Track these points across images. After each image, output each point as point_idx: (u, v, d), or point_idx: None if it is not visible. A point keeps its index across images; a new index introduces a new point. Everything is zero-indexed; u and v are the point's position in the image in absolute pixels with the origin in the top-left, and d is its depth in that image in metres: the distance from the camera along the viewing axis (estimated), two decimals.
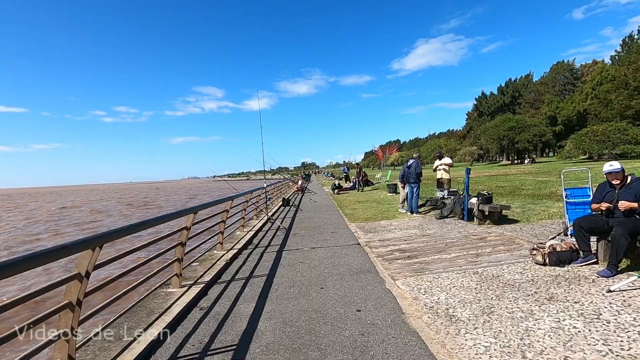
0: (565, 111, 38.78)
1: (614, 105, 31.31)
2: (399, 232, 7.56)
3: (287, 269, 5.31)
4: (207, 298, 4.27)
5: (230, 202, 6.71)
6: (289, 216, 11.72)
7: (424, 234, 7.09)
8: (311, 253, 6.21)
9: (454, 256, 5.30)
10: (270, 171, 14.86)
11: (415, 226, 8.02)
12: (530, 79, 63.01)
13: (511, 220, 7.61)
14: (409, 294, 3.93)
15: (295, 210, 13.43)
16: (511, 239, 6.01)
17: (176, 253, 4.48)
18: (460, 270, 4.62)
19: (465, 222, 7.88)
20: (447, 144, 62.89)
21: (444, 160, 10.40)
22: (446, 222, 8.22)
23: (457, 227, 7.44)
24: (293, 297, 4.06)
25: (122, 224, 16.34)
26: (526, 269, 4.40)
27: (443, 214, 8.58)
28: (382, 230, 7.88)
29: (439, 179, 10.54)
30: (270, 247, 7.05)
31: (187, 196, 50.80)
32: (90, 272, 2.56)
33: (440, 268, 4.79)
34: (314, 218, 10.83)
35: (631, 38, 48.21)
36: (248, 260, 6.01)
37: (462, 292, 3.85)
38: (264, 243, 7.47)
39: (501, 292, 3.73)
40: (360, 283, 4.41)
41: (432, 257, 5.39)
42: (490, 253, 5.28)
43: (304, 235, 7.95)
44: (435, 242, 6.33)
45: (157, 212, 26.70)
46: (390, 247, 6.23)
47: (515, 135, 37.96)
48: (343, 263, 5.40)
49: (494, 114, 64.21)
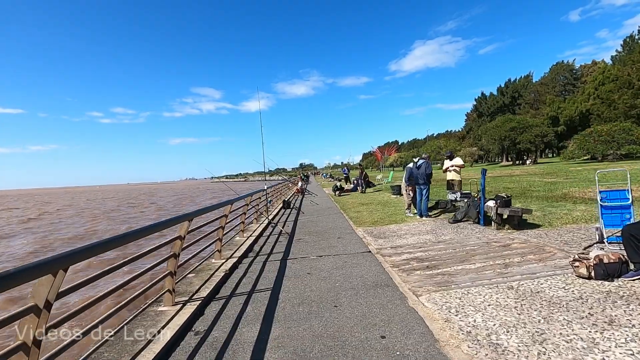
0: (567, 111, 38.36)
1: (617, 105, 30.92)
2: (411, 238, 7.01)
3: (294, 281, 4.75)
4: (203, 318, 3.70)
5: (230, 206, 6.15)
6: (291, 219, 11.16)
7: (439, 240, 6.55)
8: (318, 262, 5.65)
9: (480, 267, 4.75)
10: (268, 172, 14.29)
11: (428, 231, 7.48)
12: (530, 80, 62.68)
13: (532, 224, 7.08)
14: (438, 314, 3.39)
15: (296, 213, 12.87)
16: (539, 246, 5.47)
17: (168, 266, 3.91)
18: (490, 284, 4.08)
19: (482, 227, 7.35)
20: (446, 144, 62.39)
21: (455, 160, 9.88)
22: (461, 226, 7.68)
23: (474, 233, 6.90)
24: (303, 318, 3.51)
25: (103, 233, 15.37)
26: (569, 283, 3.86)
27: (457, 217, 8.04)
28: (392, 236, 7.33)
29: (450, 181, 10.01)
30: (273, 254, 6.49)
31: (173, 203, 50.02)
32: (52, 302, 2.00)
33: (467, 281, 4.25)
34: (317, 222, 10.27)
35: (632, 38, 47.98)
36: (249, 271, 5.45)
37: (500, 312, 3.31)
38: (265, 250, 6.91)
39: (548, 313, 3.19)
40: (378, 300, 3.86)
41: (454, 267, 4.84)
42: (520, 263, 4.74)
43: (308, 242, 7.40)
44: (454, 249, 5.78)
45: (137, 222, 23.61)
46: (405, 256, 5.68)
47: (517, 135, 37.53)
48: (356, 274, 4.84)
49: (494, 115, 63.83)
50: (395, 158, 76.34)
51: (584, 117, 36.71)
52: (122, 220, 25.65)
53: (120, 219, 26.66)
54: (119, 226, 21.64)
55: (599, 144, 26.67)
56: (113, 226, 21.79)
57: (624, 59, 42.67)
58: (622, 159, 26.79)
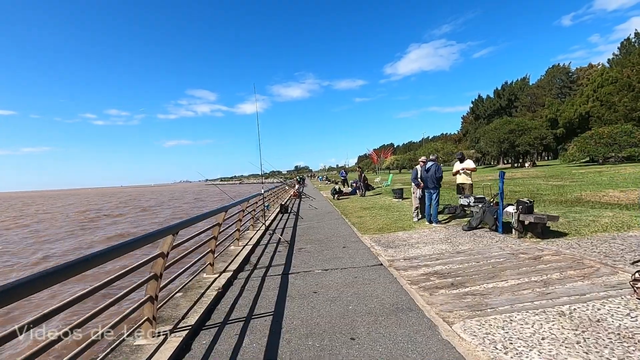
0: (566, 113, 38.03)
1: (617, 107, 30.64)
2: (424, 247, 6.35)
3: (298, 302, 4.06)
4: (190, 356, 3.00)
5: (224, 213, 5.45)
6: (290, 225, 10.46)
7: (457, 251, 5.90)
8: (325, 277, 4.97)
9: (514, 284, 4.10)
10: (263, 175, 13.68)
11: (442, 240, 6.83)
12: (526, 82, 62.60)
13: (556, 232, 6.46)
14: (482, 352, 2.72)
15: (295, 218, 12.17)
16: (576, 259, 4.83)
17: (147, 290, 3.21)
18: (534, 307, 3.42)
19: (501, 235, 6.71)
20: (443, 147, 62.15)
21: (466, 163, 9.25)
22: (477, 234, 7.04)
23: (495, 242, 6.25)
24: (315, 357, 2.82)
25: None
26: (633, 309, 3.21)
27: (471, 224, 7.41)
28: (403, 245, 6.67)
29: (460, 184, 9.38)
30: (272, 267, 5.79)
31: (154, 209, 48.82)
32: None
33: (504, 303, 3.59)
34: (318, 228, 9.58)
35: (629, 41, 48.05)
36: (246, 289, 4.75)
37: (561, 349, 2.65)
38: (264, 262, 6.21)
39: (624, 353, 2.53)
40: (403, 329, 3.19)
41: (484, 285, 4.18)
42: (562, 280, 4.09)
43: (310, 252, 6.71)
44: (478, 262, 5.13)
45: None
46: (423, 270, 5.02)
47: (516, 138, 37.16)
48: (370, 294, 4.17)
49: (491, 117, 63.66)
50: (391, 161, 75.93)
51: (583, 120, 36.46)
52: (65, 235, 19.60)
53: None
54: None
55: (600, 146, 26.31)
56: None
57: (621, 61, 42.64)
58: (623, 161, 26.46)
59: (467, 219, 8.82)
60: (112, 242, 3.60)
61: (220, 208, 5.42)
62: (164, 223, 21.58)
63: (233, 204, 6.48)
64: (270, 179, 21.86)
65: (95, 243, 16.22)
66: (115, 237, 17.31)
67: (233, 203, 6.22)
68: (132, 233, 18.36)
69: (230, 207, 6.20)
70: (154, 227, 16.88)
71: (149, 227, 20.89)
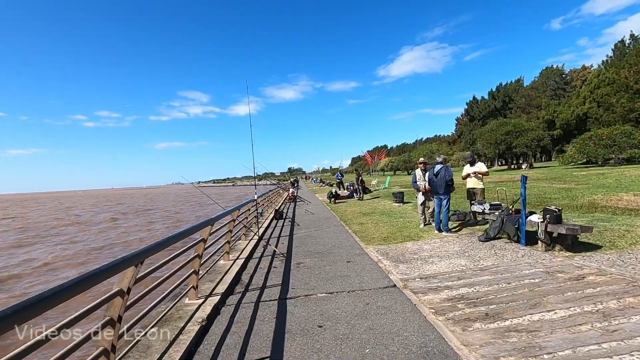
0: (563, 115, 37.74)
1: (615, 108, 30.36)
2: (440, 262, 5.59)
3: (300, 342, 3.26)
4: None
5: (209, 227, 4.61)
6: (285, 234, 9.64)
7: (479, 267, 5.14)
8: (330, 303, 4.17)
9: (565, 317, 3.34)
10: (257, 177, 12.87)
11: (459, 253, 6.08)
12: (521, 84, 62.53)
13: (587, 245, 5.74)
14: None
15: (290, 224, 11.36)
16: (628, 280, 4.10)
17: (101, 340, 2.39)
18: (605, 355, 2.67)
19: (525, 248, 5.99)
20: (439, 148, 61.71)
21: (478, 166, 8.52)
22: (497, 246, 6.30)
23: (520, 257, 5.51)
24: None
25: None
26: None
27: (489, 234, 6.67)
28: (415, 259, 5.91)
29: (470, 189, 8.64)
30: (267, 289, 4.97)
31: None
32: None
33: (563, 346, 2.83)
34: (316, 237, 8.78)
35: (623, 43, 48.16)
36: (236, 320, 3.93)
37: None
38: (257, 281, 5.39)
39: None
40: None
41: (526, 316, 3.43)
42: (623, 312, 3.35)
43: (310, 267, 5.90)
44: (509, 283, 4.38)
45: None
46: (446, 293, 4.25)
47: (513, 139, 36.76)
48: (389, 329, 3.38)
49: (485, 119, 63.44)
50: (385, 162, 75.37)
51: (580, 121, 36.19)
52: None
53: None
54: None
55: (599, 148, 25.91)
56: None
57: (615, 62, 42.64)
58: (623, 163, 26.10)
59: (479, 227, 8.11)
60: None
61: (206, 221, 4.60)
62: (128, 240, 18.06)
63: (222, 214, 5.66)
64: (264, 180, 20.94)
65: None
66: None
67: (221, 214, 5.39)
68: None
69: (219, 218, 5.39)
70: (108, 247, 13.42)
71: (104, 251, 15.24)
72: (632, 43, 46.07)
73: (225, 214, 5.79)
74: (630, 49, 44.06)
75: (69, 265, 12.82)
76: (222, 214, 5.52)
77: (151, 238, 17.92)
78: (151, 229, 22.35)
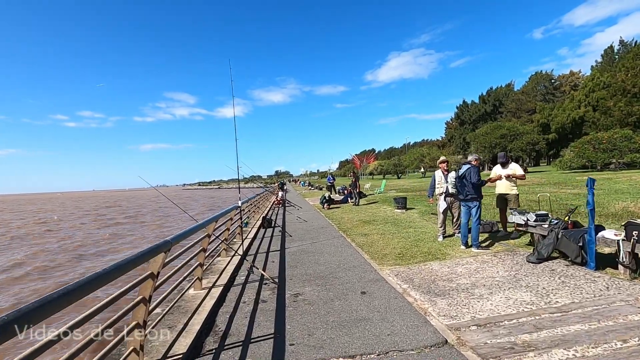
0: (559, 118, 37.19)
1: (613, 112, 29.80)
2: (491, 295, 4.07)
3: None
4: None
5: (163, 255, 2.92)
6: (275, 248, 7.99)
7: (554, 306, 3.64)
8: None
9: None
10: (243, 179, 11.16)
11: (509, 280, 4.58)
12: (511, 88, 62.49)
13: None
14: None
15: (281, 235, 9.72)
16: None
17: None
18: None
19: (596, 273, 4.54)
20: (430, 152, 60.85)
21: (512, 168, 7.06)
22: (556, 270, 4.83)
23: (604, 288, 4.04)
24: None
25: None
26: None
27: (541, 254, 5.20)
28: (453, 290, 4.37)
29: (502, 195, 7.17)
30: (252, 344, 3.34)
31: None
32: None
33: None
34: (314, 253, 7.18)
35: (611, 48, 48.42)
36: None
37: None
38: (238, 329, 3.73)
39: None
40: None
41: None
42: None
43: (313, 303, 4.29)
44: (625, 341, 2.87)
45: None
46: (532, 359, 2.70)
47: (508, 143, 35.96)
48: None
49: (476, 123, 63.05)
50: (375, 166, 74.27)
51: (576, 125, 35.68)
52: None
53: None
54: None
55: (599, 152, 25.12)
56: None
57: (606, 67, 42.55)
58: (624, 167, 25.37)
59: (514, 242, 6.66)
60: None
61: (159, 245, 2.92)
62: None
63: (189, 230, 3.99)
64: (251, 183, 19.24)
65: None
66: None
67: (184, 232, 3.71)
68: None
69: (184, 236, 3.72)
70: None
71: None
72: (621, 49, 46.21)
73: (193, 229, 4.13)
74: (620, 54, 44.16)
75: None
76: (186, 231, 3.85)
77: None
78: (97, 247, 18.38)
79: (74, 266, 12.72)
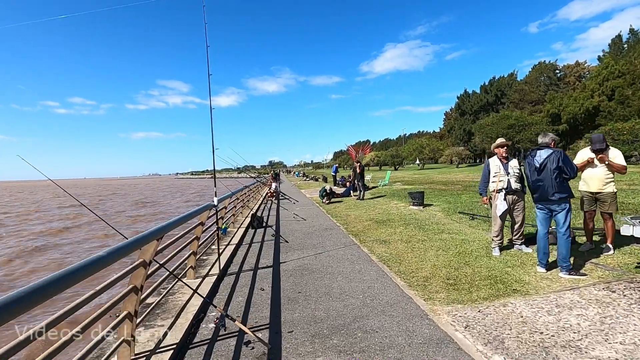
0: (570, 108, 35.22)
1: (632, 101, 27.92)
2: None
3: None
4: None
5: None
6: (266, 263, 5.83)
7: None
8: None
9: None
10: (236, 169, 8.92)
11: None
12: (514, 78, 60.31)
13: None
14: None
15: (274, 241, 7.56)
16: None
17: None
18: None
19: None
20: (429, 143, 58.76)
21: (612, 154, 4.96)
22: None
23: None
24: None
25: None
26: None
27: None
28: None
29: (592, 195, 5.06)
30: None
31: None
32: None
33: None
34: (322, 273, 5.05)
35: (619, 37, 46.52)
36: None
37: None
38: None
39: None
40: None
41: None
42: None
43: None
44: None
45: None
46: None
47: (515, 134, 34.07)
48: None
49: (477, 113, 60.96)
50: (371, 157, 72.14)
51: (589, 115, 33.76)
52: None
53: None
54: None
55: (619, 143, 23.32)
56: None
57: (613, 56, 40.65)
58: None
59: (609, 259, 4.59)
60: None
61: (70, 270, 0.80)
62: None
63: (110, 252, 1.83)
64: (244, 174, 17.00)
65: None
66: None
67: (115, 249, 1.54)
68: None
69: (100, 260, 1.56)
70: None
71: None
72: (632, 37, 44.27)
73: (124, 247, 1.96)
74: (630, 42, 42.29)
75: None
76: (116, 249, 1.70)
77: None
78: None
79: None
